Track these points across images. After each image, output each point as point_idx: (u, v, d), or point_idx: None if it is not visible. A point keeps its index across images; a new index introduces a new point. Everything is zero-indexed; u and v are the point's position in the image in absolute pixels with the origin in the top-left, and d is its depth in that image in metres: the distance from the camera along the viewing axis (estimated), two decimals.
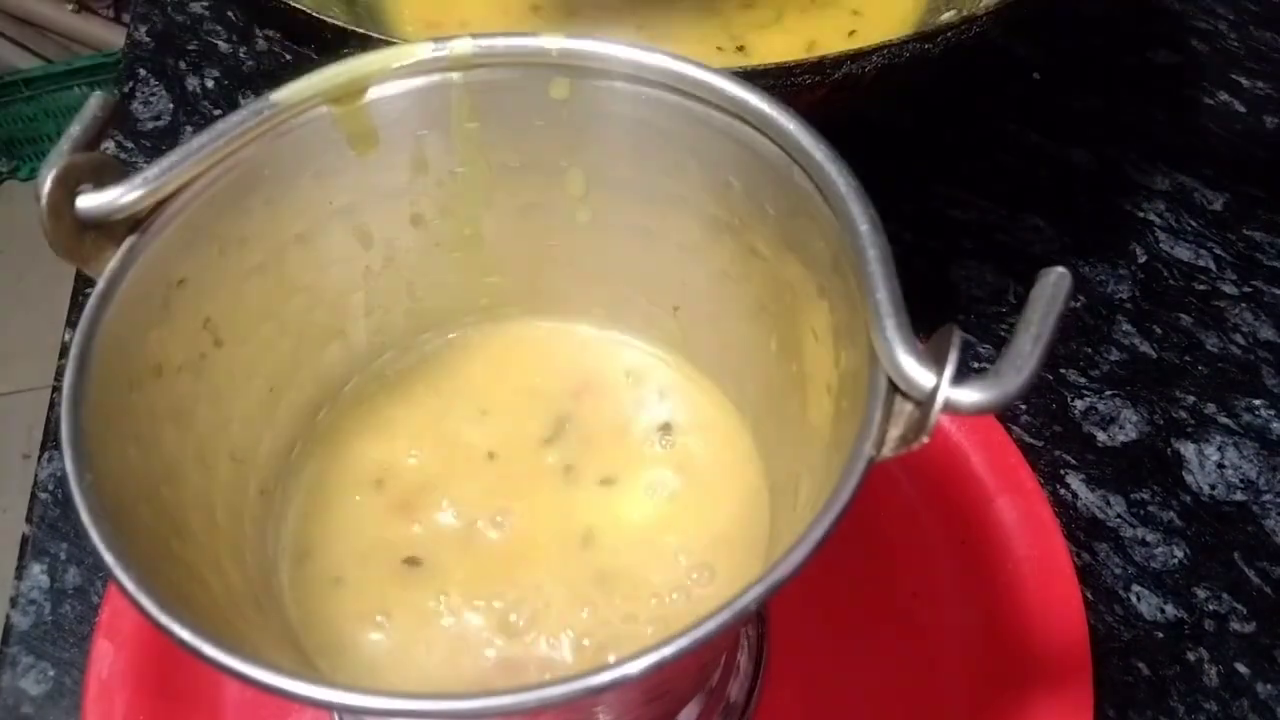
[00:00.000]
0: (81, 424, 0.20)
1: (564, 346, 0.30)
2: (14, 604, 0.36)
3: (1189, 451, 0.39)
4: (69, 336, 0.37)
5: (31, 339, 1.22)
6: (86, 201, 0.21)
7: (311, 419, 0.28)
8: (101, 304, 0.21)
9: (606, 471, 0.28)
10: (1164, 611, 0.36)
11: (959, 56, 0.34)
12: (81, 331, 0.21)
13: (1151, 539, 0.37)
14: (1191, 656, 0.35)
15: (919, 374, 0.19)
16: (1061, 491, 0.38)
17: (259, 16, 0.48)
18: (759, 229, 0.24)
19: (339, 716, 0.28)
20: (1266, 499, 0.38)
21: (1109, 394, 0.41)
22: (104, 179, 0.22)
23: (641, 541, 0.26)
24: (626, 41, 0.24)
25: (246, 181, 0.24)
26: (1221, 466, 0.39)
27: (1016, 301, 0.43)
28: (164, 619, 0.18)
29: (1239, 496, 0.38)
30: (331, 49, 0.33)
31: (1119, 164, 0.48)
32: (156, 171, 0.22)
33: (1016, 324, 0.18)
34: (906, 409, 0.19)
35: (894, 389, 0.19)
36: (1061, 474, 0.39)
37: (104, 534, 0.18)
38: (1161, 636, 0.35)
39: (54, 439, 0.40)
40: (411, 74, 0.25)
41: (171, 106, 0.52)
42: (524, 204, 0.27)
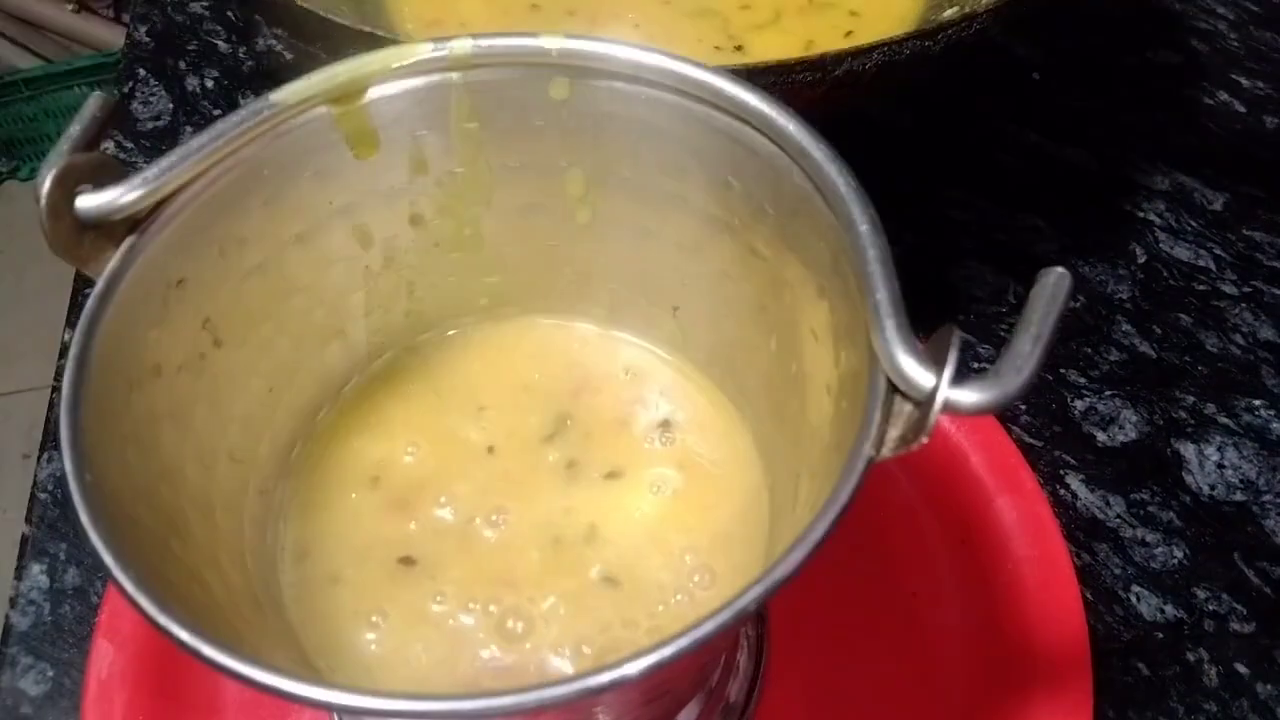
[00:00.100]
0: (81, 424, 0.20)
1: (563, 345, 0.30)
2: (13, 604, 0.36)
3: (1189, 452, 0.39)
4: (69, 336, 0.37)
5: (31, 339, 1.22)
6: (86, 202, 0.21)
7: (311, 419, 0.28)
8: (101, 304, 0.21)
9: (611, 465, 0.27)
10: (1164, 612, 0.35)
11: (959, 54, 0.34)
12: (81, 331, 0.21)
13: (1151, 539, 0.37)
14: (1191, 657, 0.35)
15: (919, 374, 0.19)
16: (1061, 492, 0.38)
17: (266, 14, 0.47)
18: (759, 229, 0.24)
19: (338, 716, 0.28)
20: (1266, 499, 0.38)
21: (1109, 394, 0.41)
22: (103, 179, 0.22)
23: (647, 539, 0.26)
24: (626, 41, 0.24)
25: (246, 182, 0.24)
26: (1221, 467, 0.39)
27: (1016, 301, 0.43)
28: (163, 619, 0.18)
29: (1239, 497, 0.38)
30: (339, 48, 0.33)
31: (1119, 164, 0.48)
32: (156, 172, 0.22)
33: (1016, 324, 0.18)
34: (906, 409, 0.19)
35: (894, 389, 0.19)
36: (1061, 474, 0.39)
37: (103, 534, 0.18)
38: (1161, 637, 0.35)
39: (54, 439, 0.40)
40: (411, 74, 0.25)
41: (171, 106, 0.52)
42: (524, 204, 0.27)
